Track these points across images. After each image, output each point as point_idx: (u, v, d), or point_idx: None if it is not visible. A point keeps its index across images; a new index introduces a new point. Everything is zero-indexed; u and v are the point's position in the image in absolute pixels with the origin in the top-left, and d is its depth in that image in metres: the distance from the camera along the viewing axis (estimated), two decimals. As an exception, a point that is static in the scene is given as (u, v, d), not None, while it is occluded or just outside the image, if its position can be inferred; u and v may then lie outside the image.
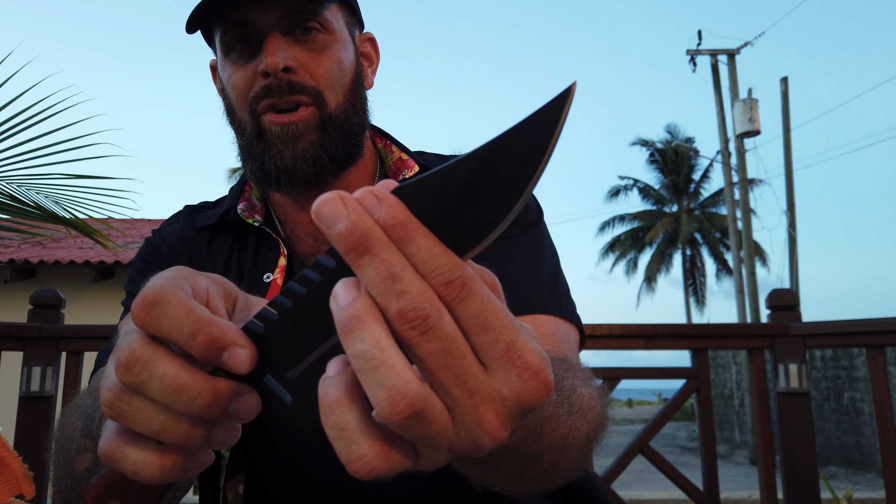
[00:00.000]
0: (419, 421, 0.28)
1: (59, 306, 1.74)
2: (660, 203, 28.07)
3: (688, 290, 26.94)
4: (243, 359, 0.34)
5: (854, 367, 11.59)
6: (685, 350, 1.85)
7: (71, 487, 0.58)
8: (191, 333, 0.33)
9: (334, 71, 0.75)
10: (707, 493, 1.70)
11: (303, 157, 0.73)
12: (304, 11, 0.73)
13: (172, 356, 0.35)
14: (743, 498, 6.01)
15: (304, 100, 0.73)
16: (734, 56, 14.56)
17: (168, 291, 0.35)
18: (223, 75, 0.77)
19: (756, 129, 13.84)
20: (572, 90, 0.33)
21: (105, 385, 0.36)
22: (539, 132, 0.32)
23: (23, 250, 8.46)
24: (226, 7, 0.71)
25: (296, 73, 0.72)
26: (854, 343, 1.78)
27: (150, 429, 0.35)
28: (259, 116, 0.74)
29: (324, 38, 0.75)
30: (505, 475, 0.48)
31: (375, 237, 0.29)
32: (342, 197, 0.29)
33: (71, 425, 0.59)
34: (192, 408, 0.34)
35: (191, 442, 0.36)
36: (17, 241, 7.51)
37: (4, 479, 0.48)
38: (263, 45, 0.72)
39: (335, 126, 0.75)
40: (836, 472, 11.27)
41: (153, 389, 0.34)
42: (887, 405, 1.68)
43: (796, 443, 1.67)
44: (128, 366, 0.34)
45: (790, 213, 13.55)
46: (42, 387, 1.66)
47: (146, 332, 0.35)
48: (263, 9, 0.71)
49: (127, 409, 0.35)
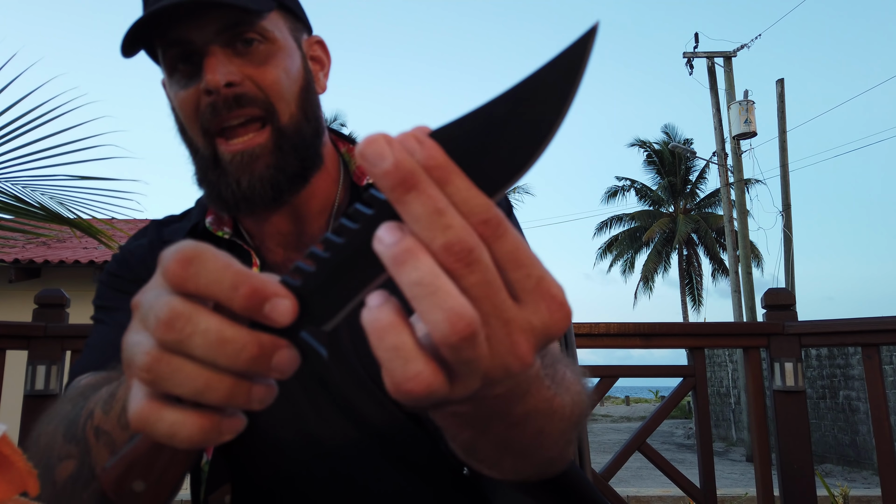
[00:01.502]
0: (471, 343, 0.30)
1: (63, 305, 1.75)
2: (657, 204, 28.11)
3: (684, 289, 26.98)
4: (286, 310, 0.33)
5: (849, 366, 11.63)
6: (682, 349, 1.86)
7: (51, 497, 0.54)
8: (232, 286, 0.33)
9: (282, 79, 0.72)
10: (704, 489, 1.72)
11: (260, 181, 0.71)
12: (242, 23, 0.69)
13: (212, 311, 0.34)
14: (739, 495, 6.03)
15: (256, 112, 0.71)
16: (730, 59, 14.60)
17: (204, 247, 0.34)
18: (171, 95, 0.75)
19: (752, 130, 13.88)
20: (595, 30, 0.34)
21: (140, 351, 0.34)
22: (566, 72, 0.33)
23: (28, 250, 8.43)
24: (159, 26, 0.68)
25: (241, 86, 0.70)
26: (849, 342, 1.79)
27: (192, 388, 0.33)
28: (214, 138, 0.71)
29: (266, 48, 0.72)
30: (493, 443, 0.47)
31: (420, 174, 0.30)
32: (386, 137, 0.30)
33: (50, 433, 0.56)
34: (236, 362, 0.33)
35: (233, 401, 0.34)
36: (21, 241, 7.48)
37: (9, 476, 0.49)
38: (203, 61, 0.69)
39: (288, 141, 0.72)
40: (831, 469, 11.31)
41: (196, 345, 0.33)
42: (883, 403, 1.69)
43: (792, 440, 1.69)
44: (169, 323, 0.33)
45: (786, 213, 13.59)
46: (46, 385, 1.68)
47: (181, 290, 0.33)
48: (199, 24, 0.68)
49: (167, 369, 0.33)
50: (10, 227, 2.46)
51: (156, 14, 0.66)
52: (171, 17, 0.67)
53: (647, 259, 27.36)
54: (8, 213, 2.38)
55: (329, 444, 0.70)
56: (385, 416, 0.70)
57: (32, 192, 2.40)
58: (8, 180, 2.36)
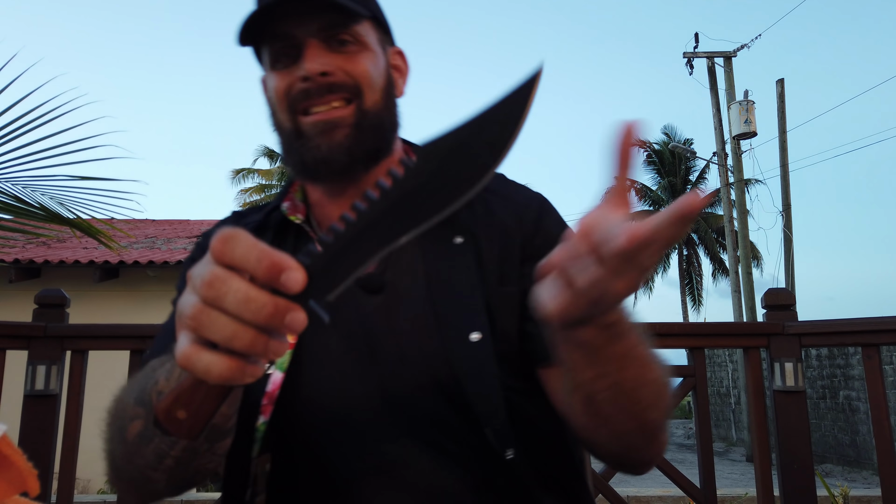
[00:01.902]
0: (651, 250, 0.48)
1: (63, 305, 1.75)
2: (657, 204, 28.10)
3: (684, 289, 26.98)
4: (296, 280, 0.44)
5: (850, 366, 11.63)
6: (682, 349, 1.86)
7: (123, 454, 0.65)
8: (257, 259, 0.44)
9: (370, 73, 0.82)
10: (704, 489, 1.72)
11: (339, 148, 0.79)
12: (339, 25, 0.80)
13: (242, 277, 0.44)
14: (739, 495, 6.03)
15: (344, 96, 0.80)
16: (730, 59, 14.60)
17: (239, 231, 0.45)
18: (268, 84, 0.84)
19: (752, 130, 13.88)
20: (541, 72, 0.47)
21: (188, 305, 0.45)
22: (517, 104, 0.46)
23: (28, 250, 8.43)
24: (269, 20, 0.78)
25: (333, 76, 0.79)
26: (849, 342, 1.79)
27: (223, 335, 0.44)
28: (297, 116, 0.80)
29: (357, 48, 0.82)
30: (607, 386, 0.61)
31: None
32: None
33: (124, 399, 0.67)
34: (258, 317, 0.43)
35: (254, 349, 0.44)
36: (22, 241, 7.48)
37: (9, 476, 0.49)
38: (303, 53, 0.79)
39: (369, 121, 0.81)
40: (831, 469, 11.31)
41: (228, 301, 0.44)
42: (883, 403, 1.69)
43: (792, 440, 1.69)
44: (210, 283, 0.44)
45: (786, 213, 13.59)
46: (47, 385, 1.68)
47: (220, 261, 0.44)
48: (303, 22, 0.79)
49: (206, 319, 0.44)
50: (10, 228, 2.46)
51: (268, 9, 0.77)
52: (281, 13, 0.78)
53: (647, 259, 27.26)
54: (8, 213, 2.38)
55: (362, 422, 0.75)
56: (424, 401, 0.75)
57: (32, 193, 2.40)
58: (8, 180, 2.36)
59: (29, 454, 0.51)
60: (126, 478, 0.67)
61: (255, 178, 25.94)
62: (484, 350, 0.75)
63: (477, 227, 0.84)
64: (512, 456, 0.73)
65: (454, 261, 0.81)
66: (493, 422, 0.73)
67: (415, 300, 0.80)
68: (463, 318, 0.77)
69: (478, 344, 0.76)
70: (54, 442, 1.68)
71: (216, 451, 0.65)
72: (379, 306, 0.80)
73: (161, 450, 0.61)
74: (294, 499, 0.76)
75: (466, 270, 0.80)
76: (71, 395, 1.72)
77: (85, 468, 7.88)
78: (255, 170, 26.00)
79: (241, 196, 25.87)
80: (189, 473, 0.66)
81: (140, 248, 9.34)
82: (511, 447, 0.73)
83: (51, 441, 1.67)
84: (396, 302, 0.80)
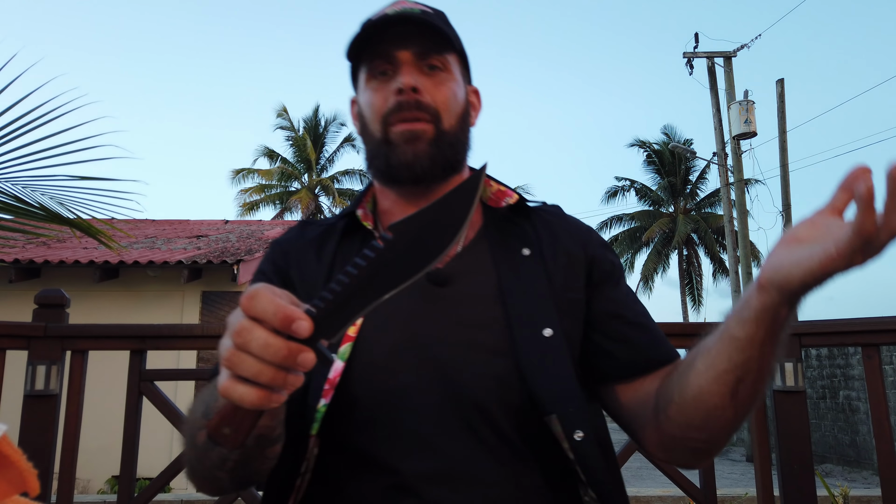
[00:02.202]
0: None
1: (63, 305, 1.75)
2: (657, 204, 28.10)
3: (684, 289, 26.98)
4: (305, 328, 0.56)
5: (850, 366, 11.63)
6: (682, 349, 1.86)
7: (195, 457, 0.77)
8: (273, 313, 0.56)
9: (451, 99, 0.94)
10: (704, 489, 1.72)
11: (422, 155, 0.91)
12: (433, 52, 0.93)
13: (264, 327, 0.56)
14: (739, 495, 6.03)
15: (425, 116, 0.91)
16: (730, 59, 14.60)
17: (261, 289, 0.57)
18: (362, 99, 0.96)
19: (752, 130, 13.88)
20: (484, 169, 0.66)
21: (224, 348, 0.58)
22: (466, 193, 0.62)
23: (28, 250, 8.42)
24: (376, 41, 0.93)
25: (421, 95, 0.91)
26: (850, 342, 1.79)
27: (250, 373, 0.56)
28: (388, 126, 0.92)
29: (444, 75, 0.94)
30: (758, 366, 0.71)
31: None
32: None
33: (195, 411, 0.79)
34: (276, 358, 0.55)
35: (275, 382, 0.56)
36: (21, 241, 7.47)
37: (9, 476, 0.49)
38: (399, 70, 0.92)
39: (445, 140, 0.93)
40: (832, 469, 11.31)
41: (253, 347, 0.55)
42: (883, 403, 1.69)
43: (792, 441, 1.69)
44: (238, 332, 0.56)
45: (786, 213, 13.59)
46: (46, 385, 1.67)
47: (247, 313, 0.56)
48: (403, 45, 0.92)
49: (237, 360, 0.56)
50: (10, 228, 2.46)
51: (375, 30, 0.91)
52: (384, 35, 0.92)
53: (647, 259, 27.35)
54: (8, 213, 2.38)
55: (412, 410, 0.81)
56: (482, 392, 0.82)
57: (32, 193, 2.40)
58: (8, 180, 2.36)
59: (29, 454, 0.51)
60: (199, 476, 0.80)
61: (255, 178, 25.95)
62: (557, 344, 0.84)
63: (542, 243, 0.94)
64: (581, 437, 0.80)
65: (523, 268, 0.91)
66: (566, 406, 0.81)
67: (483, 298, 0.88)
68: (535, 315, 0.86)
69: (550, 339, 0.84)
70: (54, 442, 1.68)
71: (268, 455, 0.77)
72: (445, 299, 0.87)
73: (223, 454, 0.72)
74: (337, 482, 0.82)
75: (535, 276, 0.90)
76: (71, 395, 1.72)
77: (85, 468, 7.90)
78: (255, 170, 26.01)
79: (241, 196, 25.90)
80: (248, 473, 0.77)
81: (140, 248, 9.35)
82: (580, 429, 0.80)
83: (51, 441, 1.67)
84: (464, 298, 0.88)
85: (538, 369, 0.82)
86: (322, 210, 25.74)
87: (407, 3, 0.95)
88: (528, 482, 0.80)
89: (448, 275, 0.89)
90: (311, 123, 26.52)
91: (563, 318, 0.87)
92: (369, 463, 0.80)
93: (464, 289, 0.89)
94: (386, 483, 0.78)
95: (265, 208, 26.24)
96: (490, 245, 0.93)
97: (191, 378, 1.89)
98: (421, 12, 0.92)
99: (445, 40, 0.93)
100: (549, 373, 0.82)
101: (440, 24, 0.93)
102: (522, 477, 0.80)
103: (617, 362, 0.88)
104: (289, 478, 0.82)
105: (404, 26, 0.91)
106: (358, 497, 0.80)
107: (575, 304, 0.90)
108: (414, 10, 0.92)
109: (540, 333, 0.84)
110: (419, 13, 0.92)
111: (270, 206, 26.10)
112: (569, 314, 0.89)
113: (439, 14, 0.97)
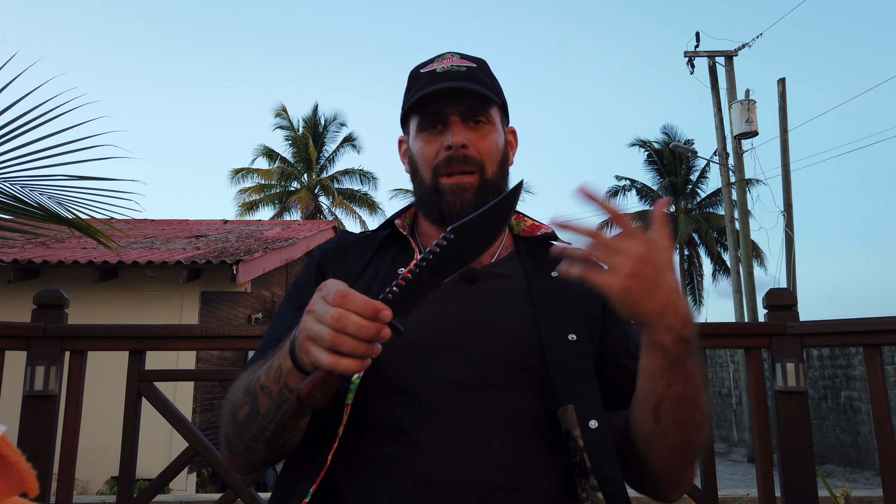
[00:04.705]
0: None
1: (62, 306, 1.75)
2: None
3: (685, 289, 26.99)
4: (387, 315, 0.74)
5: (851, 366, 11.63)
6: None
7: (234, 431, 0.90)
8: (364, 306, 0.73)
9: (493, 150, 1.07)
10: (705, 490, 1.72)
11: (468, 204, 1.03)
12: (478, 109, 1.06)
13: (356, 315, 0.73)
14: (741, 495, 6.02)
15: (472, 168, 1.04)
16: (732, 58, 14.58)
17: (349, 289, 0.75)
18: (414, 147, 1.10)
19: (753, 130, 13.86)
20: (521, 185, 0.83)
21: (324, 333, 0.74)
22: (506, 206, 0.81)
23: (26, 250, 8.42)
24: (430, 101, 1.05)
25: (468, 150, 1.04)
26: (851, 342, 1.79)
27: (349, 347, 0.73)
28: (438, 178, 1.05)
29: (488, 128, 1.07)
30: (673, 397, 0.82)
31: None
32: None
33: (234, 391, 0.93)
34: (367, 335, 0.73)
35: (367, 353, 0.74)
36: (20, 241, 7.47)
37: (8, 477, 0.49)
38: (450, 128, 1.05)
39: (489, 188, 1.05)
40: (833, 470, 11.31)
41: (350, 329, 0.73)
42: (884, 403, 1.69)
43: (794, 441, 1.68)
44: (338, 318, 0.73)
45: (787, 213, 13.58)
46: (45, 386, 1.67)
47: (342, 306, 0.73)
48: (452, 105, 1.05)
49: (339, 340, 0.73)
50: (9, 228, 2.46)
51: (432, 95, 1.04)
52: (440, 97, 1.05)
53: (648, 259, 27.24)
54: (7, 213, 2.37)
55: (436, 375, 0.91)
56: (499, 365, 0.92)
57: (31, 192, 2.39)
58: (7, 180, 2.36)
59: (28, 455, 0.51)
60: (236, 451, 0.91)
61: (254, 178, 25.95)
62: (580, 347, 0.95)
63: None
64: (596, 426, 0.89)
65: (551, 282, 1.03)
66: (584, 398, 0.91)
67: (512, 297, 1.00)
68: (562, 318, 0.97)
69: (574, 342, 0.95)
70: (53, 443, 1.68)
71: (299, 427, 0.89)
72: (475, 293, 1.00)
73: (262, 425, 0.86)
74: (360, 444, 0.91)
75: (563, 290, 1.01)
76: (70, 395, 1.72)
77: (84, 469, 7.84)
78: (255, 170, 26.00)
79: (241, 196, 25.91)
80: (280, 444, 0.89)
81: (139, 248, 9.34)
82: (595, 419, 0.89)
83: (50, 442, 1.66)
84: (493, 294, 1.00)
85: (559, 363, 0.92)
86: (322, 210, 25.74)
87: (454, 59, 1.08)
88: (534, 460, 0.89)
89: (480, 274, 1.02)
90: (310, 123, 26.50)
91: (586, 329, 0.99)
92: (390, 428, 0.89)
93: (493, 287, 1.01)
94: (403, 443, 0.88)
95: (264, 208, 26.24)
96: (522, 261, 1.07)
97: (190, 378, 1.89)
98: (467, 70, 1.06)
99: (489, 100, 1.05)
100: (569, 366, 0.93)
101: (485, 80, 1.07)
102: (531, 454, 0.89)
103: (625, 391, 0.95)
104: (327, 438, 0.91)
105: (454, 84, 1.03)
106: (378, 454, 0.88)
107: (594, 320, 1.02)
108: (461, 69, 1.06)
109: (565, 336, 0.95)
110: (465, 72, 1.06)
111: (270, 206, 26.09)
112: (590, 328, 1.00)
113: (482, 67, 1.10)
